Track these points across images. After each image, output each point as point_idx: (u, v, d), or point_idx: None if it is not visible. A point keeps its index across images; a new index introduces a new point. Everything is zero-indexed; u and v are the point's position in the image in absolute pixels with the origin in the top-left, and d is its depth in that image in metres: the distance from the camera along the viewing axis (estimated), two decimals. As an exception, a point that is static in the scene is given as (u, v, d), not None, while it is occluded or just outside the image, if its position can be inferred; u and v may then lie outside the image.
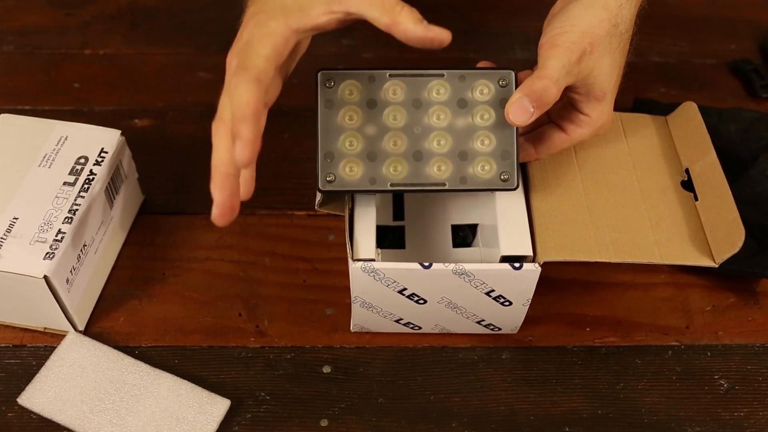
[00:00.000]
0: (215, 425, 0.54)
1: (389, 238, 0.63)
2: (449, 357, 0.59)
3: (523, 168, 0.59)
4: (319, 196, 0.56)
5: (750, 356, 0.60)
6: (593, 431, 0.56)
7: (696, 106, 0.64)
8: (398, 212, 0.65)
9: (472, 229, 0.64)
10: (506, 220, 0.56)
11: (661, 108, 0.69)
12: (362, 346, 0.60)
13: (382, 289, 0.54)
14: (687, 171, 0.61)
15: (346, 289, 0.57)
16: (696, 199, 0.59)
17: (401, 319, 0.58)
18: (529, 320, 0.60)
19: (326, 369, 0.58)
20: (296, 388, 0.57)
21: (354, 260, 0.53)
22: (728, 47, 0.84)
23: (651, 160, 0.62)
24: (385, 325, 0.59)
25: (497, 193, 0.57)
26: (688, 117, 0.63)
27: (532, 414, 0.57)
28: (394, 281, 0.54)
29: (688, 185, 0.60)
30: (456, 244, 0.63)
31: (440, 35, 0.50)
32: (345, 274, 0.59)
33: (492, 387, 0.58)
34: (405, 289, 0.54)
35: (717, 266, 0.56)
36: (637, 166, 0.61)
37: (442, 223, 0.64)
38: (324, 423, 0.56)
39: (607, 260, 0.55)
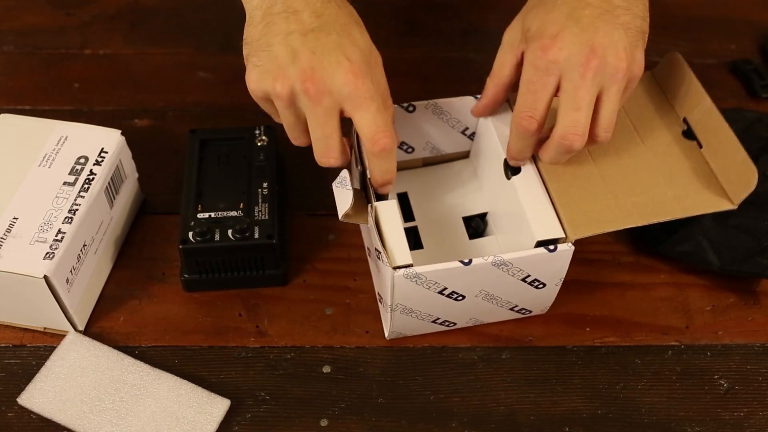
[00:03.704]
0: (215, 425, 0.54)
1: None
2: (449, 357, 0.59)
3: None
4: (347, 205, 0.55)
5: (750, 356, 0.60)
6: (593, 431, 0.56)
7: (681, 55, 0.63)
8: (407, 213, 0.65)
9: (482, 218, 0.64)
10: (531, 205, 0.56)
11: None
12: (362, 346, 0.60)
13: (423, 292, 0.54)
14: (685, 121, 0.61)
15: (347, 289, 0.57)
16: (701, 146, 0.59)
17: (438, 318, 0.58)
18: (529, 320, 0.60)
19: (326, 369, 0.58)
20: (296, 388, 0.57)
21: (394, 268, 0.52)
22: (728, 47, 0.84)
23: (648, 118, 0.62)
24: (423, 327, 0.59)
25: (515, 181, 0.58)
26: (675, 67, 0.63)
27: (532, 414, 0.57)
28: (435, 282, 0.54)
29: (689, 135, 0.60)
30: (469, 236, 0.63)
31: None
32: (345, 274, 0.60)
33: (492, 387, 0.58)
34: (445, 288, 0.54)
35: (736, 207, 0.56)
36: (637, 126, 0.61)
37: (452, 217, 0.65)
38: (324, 423, 0.56)
39: (634, 225, 0.55)
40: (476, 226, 0.64)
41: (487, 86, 0.60)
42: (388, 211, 0.55)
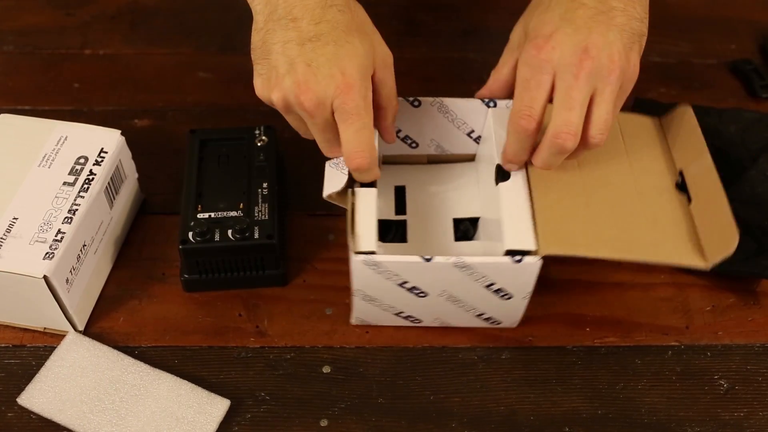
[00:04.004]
0: (215, 425, 0.54)
1: (392, 233, 0.64)
2: (449, 357, 0.59)
3: (525, 164, 0.59)
4: (335, 187, 0.55)
5: (750, 356, 0.60)
6: (593, 431, 0.56)
7: (691, 108, 0.63)
8: (400, 206, 0.65)
9: (473, 222, 0.64)
10: (510, 214, 0.56)
11: (661, 108, 0.69)
12: (362, 346, 0.60)
13: (383, 282, 0.54)
14: (681, 173, 0.61)
15: (346, 289, 0.57)
16: (690, 200, 0.59)
17: (402, 312, 0.58)
18: (529, 320, 0.60)
19: (326, 369, 0.58)
20: (296, 388, 0.57)
21: (356, 253, 0.53)
22: (728, 47, 0.84)
23: (647, 161, 0.62)
24: (386, 318, 0.59)
25: (501, 187, 0.58)
26: (683, 119, 0.63)
27: (532, 414, 0.57)
28: (396, 274, 0.54)
29: (682, 187, 0.60)
30: (457, 238, 0.63)
31: None
32: (345, 274, 0.59)
33: (492, 387, 0.58)
34: (406, 282, 0.54)
35: (709, 269, 0.55)
36: (633, 166, 0.61)
37: (443, 217, 0.65)
38: (324, 423, 0.56)
39: (606, 257, 0.55)
40: (465, 229, 0.64)
41: (490, 78, 0.61)
42: (366, 198, 0.56)
